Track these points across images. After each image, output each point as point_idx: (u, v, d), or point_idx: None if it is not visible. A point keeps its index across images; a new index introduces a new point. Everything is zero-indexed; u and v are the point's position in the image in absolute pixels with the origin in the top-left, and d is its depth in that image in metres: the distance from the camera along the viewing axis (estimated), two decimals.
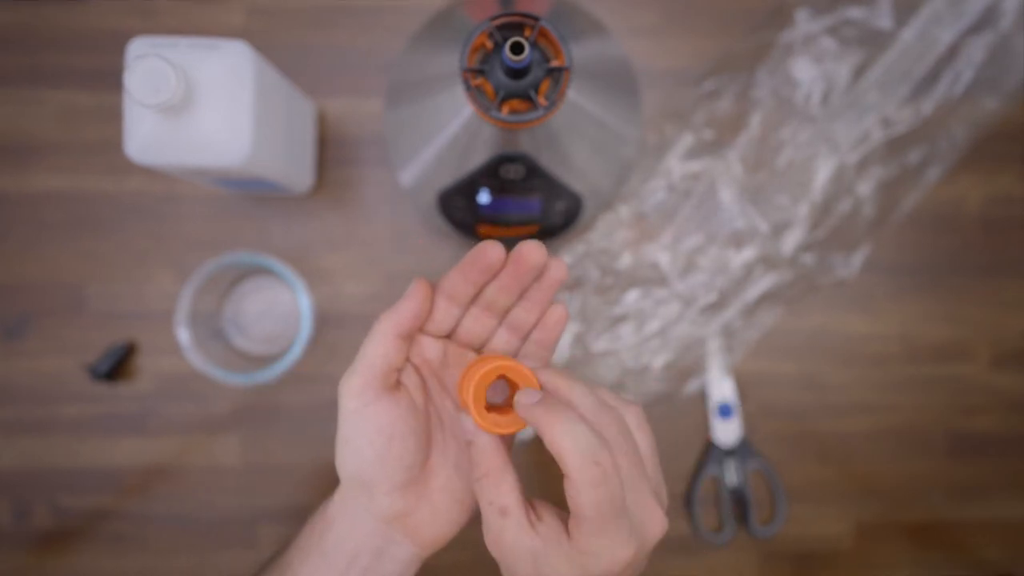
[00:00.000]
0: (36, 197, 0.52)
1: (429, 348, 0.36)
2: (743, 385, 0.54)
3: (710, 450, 0.54)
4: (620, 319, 0.52)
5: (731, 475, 0.54)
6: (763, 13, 0.53)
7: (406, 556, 0.34)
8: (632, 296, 0.52)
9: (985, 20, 0.52)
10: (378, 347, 0.32)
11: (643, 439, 0.33)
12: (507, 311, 0.36)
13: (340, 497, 0.34)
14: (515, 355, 0.37)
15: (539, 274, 0.35)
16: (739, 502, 0.54)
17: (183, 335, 0.47)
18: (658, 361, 0.53)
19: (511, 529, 0.30)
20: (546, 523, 0.31)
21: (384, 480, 0.33)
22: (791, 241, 0.52)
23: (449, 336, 0.37)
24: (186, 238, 0.52)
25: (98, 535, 0.52)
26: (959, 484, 0.55)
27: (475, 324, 0.36)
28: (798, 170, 0.52)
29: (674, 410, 0.54)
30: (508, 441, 0.34)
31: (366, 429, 0.32)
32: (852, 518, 0.55)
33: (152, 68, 0.35)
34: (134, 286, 0.52)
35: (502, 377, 0.33)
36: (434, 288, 0.33)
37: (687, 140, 0.52)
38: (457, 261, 0.55)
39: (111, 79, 0.52)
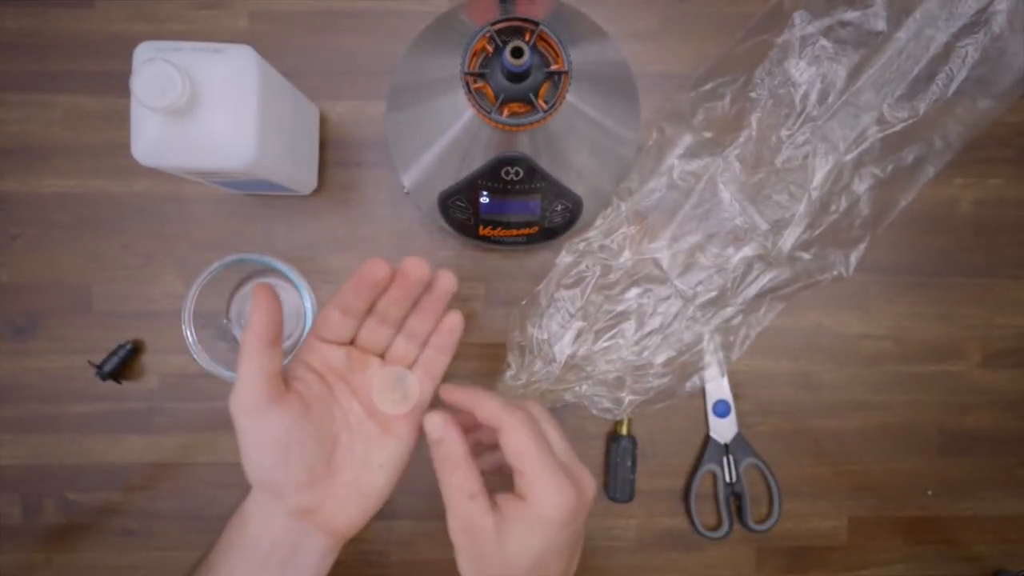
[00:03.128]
0: (44, 199, 0.53)
1: (331, 355, 0.37)
2: (739, 383, 0.55)
3: (708, 446, 0.55)
4: (621, 316, 0.53)
5: (728, 471, 0.55)
6: (761, 16, 0.53)
7: (321, 546, 0.36)
8: (633, 293, 0.53)
9: (978, 21, 0.52)
10: (250, 362, 0.33)
11: (552, 422, 0.37)
12: (402, 321, 0.38)
13: (253, 497, 0.35)
14: (414, 361, 0.39)
15: (428, 286, 0.38)
16: (736, 497, 0.55)
17: (189, 334, 0.48)
18: (659, 357, 0.53)
19: (478, 511, 0.34)
20: (502, 501, 0.34)
21: (288, 483, 0.35)
22: (790, 239, 0.53)
23: (353, 342, 0.38)
24: (192, 239, 0.53)
25: (106, 530, 0.53)
26: (951, 480, 0.56)
27: (372, 335, 0.38)
28: (796, 169, 0.52)
29: (675, 406, 0.55)
30: (470, 441, 0.36)
31: (261, 440, 0.34)
32: (845, 514, 0.56)
33: (158, 72, 0.36)
34: (141, 286, 0.53)
35: None
36: (276, 296, 0.35)
37: (687, 139, 0.53)
38: (458, 261, 0.56)
39: (118, 83, 0.52)
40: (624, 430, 0.54)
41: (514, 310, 0.52)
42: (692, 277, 0.53)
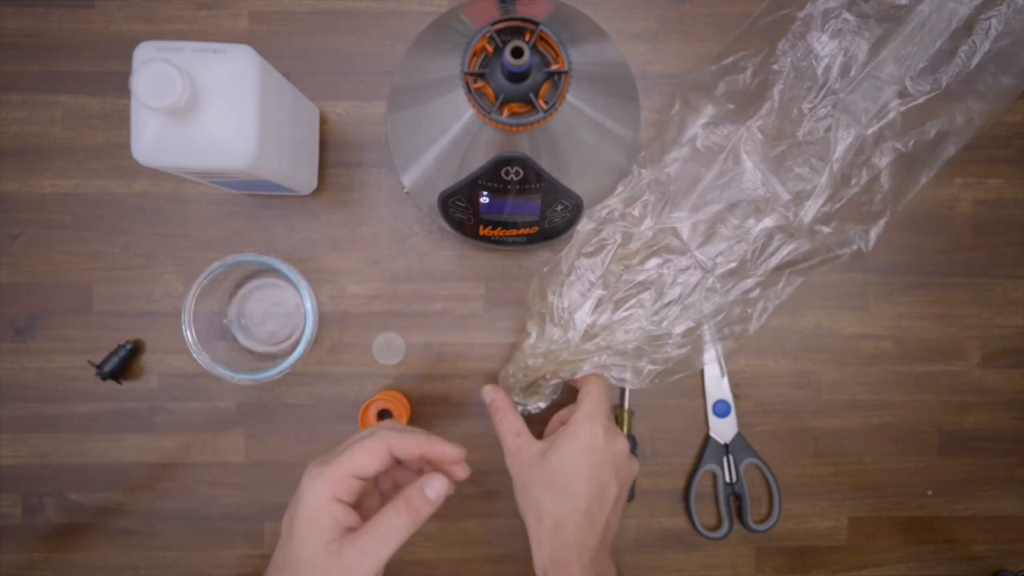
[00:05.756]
0: (44, 199, 0.53)
1: None
2: (739, 383, 0.55)
3: (708, 446, 0.55)
4: (641, 286, 0.52)
5: (727, 471, 0.55)
6: (760, 15, 0.53)
7: None
8: (653, 263, 0.52)
9: None
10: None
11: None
12: None
13: None
14: None
15: None
16: (736, 497, 0.55)
17: (189, 334, 0.48)
18: (678, 328, 0.52)
19: (524, 443, 0.46)
20: (549, 431, 0.49)
21: None
22: (811, 211, 0.52)
23: None
24: (192, 239, 0.53)
25: (106, 530, 0.53)
26: (950, 480, 0.56)
27: None
28: (818, 142, 0.52)
29: (675, 406, 0.55)
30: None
31: None
32: (845, 513, 0.56)
33: (158, 72, 0.35)
34: (141, 286, 0.53)
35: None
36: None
37: (709, 111, 0.52)
38: (458, 262, 0.56)
39: (118, 83, 0.53)
40: (624, 429, 0.54)
41: (535, 278, 0.51)
42: (712, 248, 0.52)
